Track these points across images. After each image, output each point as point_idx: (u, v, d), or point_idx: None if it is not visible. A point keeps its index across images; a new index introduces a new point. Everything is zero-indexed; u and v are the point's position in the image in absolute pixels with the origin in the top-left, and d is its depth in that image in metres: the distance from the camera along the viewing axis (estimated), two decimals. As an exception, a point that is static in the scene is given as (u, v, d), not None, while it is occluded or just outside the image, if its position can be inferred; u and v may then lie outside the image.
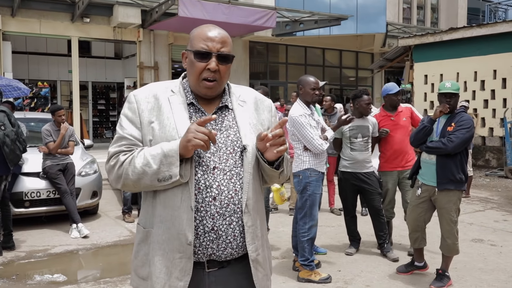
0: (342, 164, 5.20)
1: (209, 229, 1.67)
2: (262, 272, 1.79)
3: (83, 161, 6.78)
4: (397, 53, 13.92)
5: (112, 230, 6.26)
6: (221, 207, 1.68)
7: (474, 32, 11.32)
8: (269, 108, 1.90)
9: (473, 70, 11.44)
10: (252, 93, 1.91)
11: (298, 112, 4.39)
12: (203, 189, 1.67)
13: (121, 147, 1.74)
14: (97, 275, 4.82)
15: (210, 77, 1.72)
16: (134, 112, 1.76)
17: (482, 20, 23.11)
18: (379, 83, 19.85)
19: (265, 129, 1.82)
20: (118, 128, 1.79)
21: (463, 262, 4.87)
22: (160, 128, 1.71)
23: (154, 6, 12.77)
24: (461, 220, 6.73)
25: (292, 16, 14.72)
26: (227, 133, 1.74)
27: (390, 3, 18.77)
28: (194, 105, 1.77)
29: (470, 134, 4.13)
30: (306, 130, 4.31)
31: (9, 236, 5.36)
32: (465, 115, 4.26)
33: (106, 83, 17.92)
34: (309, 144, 4.33)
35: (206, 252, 1.69)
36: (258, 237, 1.76)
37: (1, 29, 11.88)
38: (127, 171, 1.69)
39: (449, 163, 4.15)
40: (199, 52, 1.73)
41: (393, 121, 5.18)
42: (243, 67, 16.07)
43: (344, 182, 5.20)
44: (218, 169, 1.69)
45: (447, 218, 4.22)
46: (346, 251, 5.22)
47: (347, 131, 5.09)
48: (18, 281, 4.47)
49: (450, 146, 4.08)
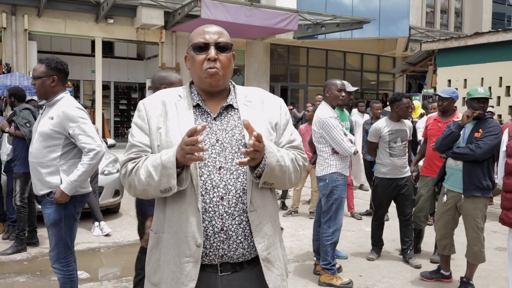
0: (379, 170, 5.04)
1: (218, 229, 1.66)
2: (276, 272, 1.74)
3: (106, 160, 6.85)
4: (420, 57, 13.78)
5: (134, 229, 6.27)
6: (229, 207, 1.67)
7: (499, 37, 11.13)
8: (278, 106, 1.87)
9: (498, 76, 11.25)
10: (259, 93, 1.89)
11: (327, 114, 4.36)
12: (210, 189, 1.67)
13: (130, 154, 1.77)
14: (118, 273, 4.87)
15: (211, 66, 1.73)
16: (143, 119, 1.79)
17: (507, 25, 22.74)
18: (400, 87, 19.67)
19: (273, 126, 1.81)
20: (129, 136, 1.83)
21: (488, 271, 4.78)
22: (166, 133, 1.73)
23: (177, 7, 12.89)
24: (485, 227, 6.57)
25: (314, 19, 14.70)
26: (232, 133, 1.74)
27: (414, 7, 18.58)
28: (200, 106, 1.78)
29: (498, 140, 4.03)
30: (336, 132, 4.28)
31: (34, 232, 5.44)
32: (492, 121, 4.20)
33: (128, 83, 18.12)
34: (338, 147, 4.30)
35: (218, 253, 1.67)
36: (267, 236, 1.72)
37: (28, 29, 12.11)
38: (134, 181, 1.72)
39: (476, 169, 4.08)
40: (198, 46, 1.75)
41: (440, 127, 4.83)
42: (264, 69, 16.09)
43: (381, 189, 5.05)
44: (224, 168, 1.68)
45: (474, 225, 4.15)
46: (368, 256, 5.15)
47: (387, 135, 4.94)
48: (42, 277, 4.53)
49: (478, 152, 4.01)
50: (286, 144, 1.85)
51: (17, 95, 5.45)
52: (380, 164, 5.03)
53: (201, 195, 1.67)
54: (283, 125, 1.87)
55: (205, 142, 1.70)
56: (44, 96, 3.34)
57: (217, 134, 1.73)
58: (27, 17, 12.03)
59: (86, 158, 3.21)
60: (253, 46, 15.74)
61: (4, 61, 11.96)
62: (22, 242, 5.20)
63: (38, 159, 3.24)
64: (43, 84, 3.28)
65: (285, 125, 1.87)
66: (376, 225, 5.23)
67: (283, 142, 1.85)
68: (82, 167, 3.20)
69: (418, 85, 19.56)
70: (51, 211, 3.22)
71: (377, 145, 5.07)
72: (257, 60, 15.92)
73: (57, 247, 3.27)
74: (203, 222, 1.66)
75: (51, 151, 3.22)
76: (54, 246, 3.27)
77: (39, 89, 3.30)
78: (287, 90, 17.02)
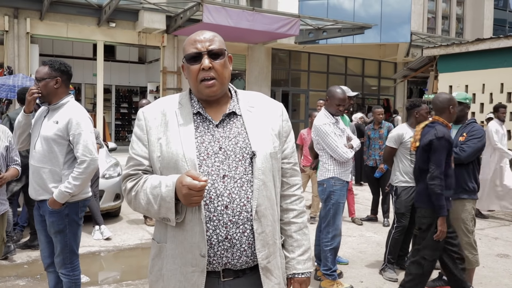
0: (400, 178, 4.82)
1: (222, 238, 1.66)
2: (274, 281, 1.75)
3: (107, 163, 6.85)
4: (422, 63, 13.77)
5: (134, 233, 6.31)
6: (233, 215, 1.66)
7: (501, 43, 11.13)
8: (279, 112, 1.86)
9: (500, 82, 11.25)
10: (261, 98, 1.88)
11: (322, 121, 4.40)
12: (214, 198, 1.66)
13: (129, 169, 1.79)
14: (118, 277, 4.86)
15: (207, 76, 1.71)
16: (142, 129, 1.78)
17: (508, 31, 22.77)
18: (401, 92, 19.67)
19: (276, 133, 1.80)
20: (129, 147, 1.83)
21: (489, 278, 4.77)
22: (167, 144, 1.71)
23: (179, 12, 12.90)
24: (486, 234, 6.62)
25: (315, 24, 14.71)
26: (236, 140, 1.72)
27: (415, 13, 18.61)
28: (201, 114, 1.76)
29: (482, 143, 4.17)
30: (330, 138, 4.30)
31: (35, 235, 5.43)
32: (476, 125, 4.28)
33: (130, 87, 18.15)
34: (333, 152, 4.31)
35: (221, 261, 1.67)
36: (269, 245, 1.72)
37: (30, 32, 12.13)
38: (134, 203, 1.76)
39: (462, 172, 4.18)
40: (191, 56, 1.74)
41: None
42: (265, 74, 16.11)
43: (406, 198, 4.78)
44: (228, 177, 1.67)
45: (464, 228, 4.21)
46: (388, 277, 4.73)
47: (409, 141, 4.68)
48: (42, 281, 4.52)
49: (463, 156, 4.12)
50: (290, 154, 1.88)
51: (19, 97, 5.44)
52: (401, 173, 4.83)
53: (205, 204, 1.66)
54: (285, 132, 1.86)
55: (208, 151, 1.70)
56: (48, 99, 3.30)
57: (220, 142, 1.71)
58: (29, 20, 12.05)
59: (76, 171, 3.16)
60: (255, 50, 15.76)
61: (6, 64, 11.97)
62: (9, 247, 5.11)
63: (41, 163, 3.21)
64: (46, 86, 3.25)
65: (287, 132, 1.87)
66: (398, 238, 4.85)
67: (288, 149, 1.87)
68: (72, 179, 3.15)
69: (419, 91, 19.56)
70: (54, 220, 3.21)
71: (395, 152, 4.89)
72: (259, 65, 15.94)
73: (62, 253, 3.27)
74: (207, 231, 1.65)
75: (54, 156, 3.20)
76: (60, 252, 3.27)
77: (43, 91, 3.26)
78: (288, 95, 17.02)
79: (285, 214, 1.88)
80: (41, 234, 3.38)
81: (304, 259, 1.87)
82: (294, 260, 1.86)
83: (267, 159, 1.73)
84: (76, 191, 3.18)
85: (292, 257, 1.86)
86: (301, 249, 1.87)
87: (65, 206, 3.21)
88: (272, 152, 1.76)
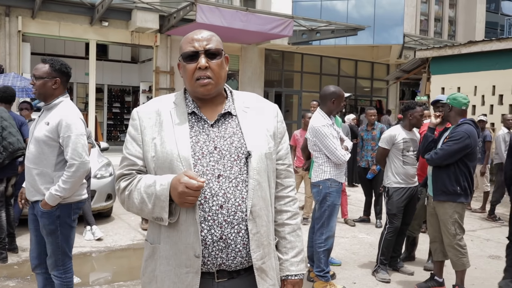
0: (392, 179, 4.81)
1: (217, 238, 1.64)
2: (269, 282, 1.74)
3: (98, 163, 6.80)
4: (414, 65, 13.85)
5: (126, 233, 6.26)
6: (228, 215, 1.64)
7: (493, 46, 11.21)
8: (274, 113, 1.85)
9: (491, 84, 11.33)
10: (257, 99, 1.87)
11: (321, 122, 4.34)
12: (209, 198, 1.64)
13: (123, 169, 1.77)
14: (110, 278, 4.82)
15: (202, 75, 1.70)
16: (136, 129, 1.77)
17: (500, 34, 22.94)
18: (394, 94, 19.76)
19: (271, 134, 1.79)
20: (124, 147, 1.81)
21: (481, 279, 4.78)
22: (161, 144, 1.69)
23: (172, 11, 12.88)
24: (478, 235, 6.65)
25: (309, 25, 14.75)
26: (231, 140, 1.71)
27: (408, 15, 18.70)
28: (195, 114, 1.76)
29: (459, 146, 4.09)
30: (329, 140, 4.27)
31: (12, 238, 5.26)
32: (460, 127, 4.17)
33: (122, 86, 18.07)
34: (331, 155, 4.29)
35: (216, 262, 1.65)
36: (263, 245, 1.71)
37: (21, 31, 12.05)
38: (128, 203, 1.74)
39: (441, 174, 4.21)
40: (187, 54, 1.72)
41: None
42: (258, 74, 16.11)
43: (397, 199, 4.77)
44: (223, 176, 1.66)
45: (445, 230, 4.25)
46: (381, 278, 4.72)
47: (401, 142, 4.76)
48: (32, 282, 4.47)
49: (435, 158, 4.18)
50: (285, 155, 1.87)
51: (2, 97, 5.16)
52: (393, 174, 4.83)
53: (200, 204, 1.64)
54: (280, 133, 1.86)
55: (203, 150, 1.68)
56: (43, 98, 3.23)
57: (215, 142, 1.70)
58: (21, 18, 11.97)
59: (65, 174, 3.09)
60: (248, 51, 15.76)
61: (-3, 63, 11.88)
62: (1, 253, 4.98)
63: (33, 164, 3.16)
64: (44, 85, 3.17)
65: (282, 133, 1.86)
66: (390, 240, 4.83)
67: (282, 151, 1.86)
68: (61, 183, 3.08)
69: (412, 93, 19.66)
70: (45, 221, 3.16)
71: (388, 153, 4.89)
72: (252, 65, 15.94)
73: (54, 255, 3.22)
74: (202, 231, 1.64)
75: (45, 158, 3.13)
76: (51, 254, 3.22)
77: (39, 90, 3.18)
78: (281, 96, 17.04)
79: (279, 215, 1.87)
80: (33, 233, 3.34)
81: (297, 261, 1.86)
82: (288, 262, 1.85)
83: (262, 159, 1.72)
84: (66, 194, 3.12)
85: (285, 258, 1.85)
86: (295, 250, 1.86)
87: (57, 208, 3.15)
88: (267, 152, 1.75)
